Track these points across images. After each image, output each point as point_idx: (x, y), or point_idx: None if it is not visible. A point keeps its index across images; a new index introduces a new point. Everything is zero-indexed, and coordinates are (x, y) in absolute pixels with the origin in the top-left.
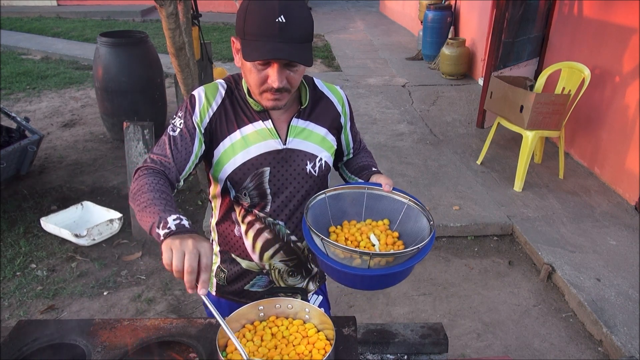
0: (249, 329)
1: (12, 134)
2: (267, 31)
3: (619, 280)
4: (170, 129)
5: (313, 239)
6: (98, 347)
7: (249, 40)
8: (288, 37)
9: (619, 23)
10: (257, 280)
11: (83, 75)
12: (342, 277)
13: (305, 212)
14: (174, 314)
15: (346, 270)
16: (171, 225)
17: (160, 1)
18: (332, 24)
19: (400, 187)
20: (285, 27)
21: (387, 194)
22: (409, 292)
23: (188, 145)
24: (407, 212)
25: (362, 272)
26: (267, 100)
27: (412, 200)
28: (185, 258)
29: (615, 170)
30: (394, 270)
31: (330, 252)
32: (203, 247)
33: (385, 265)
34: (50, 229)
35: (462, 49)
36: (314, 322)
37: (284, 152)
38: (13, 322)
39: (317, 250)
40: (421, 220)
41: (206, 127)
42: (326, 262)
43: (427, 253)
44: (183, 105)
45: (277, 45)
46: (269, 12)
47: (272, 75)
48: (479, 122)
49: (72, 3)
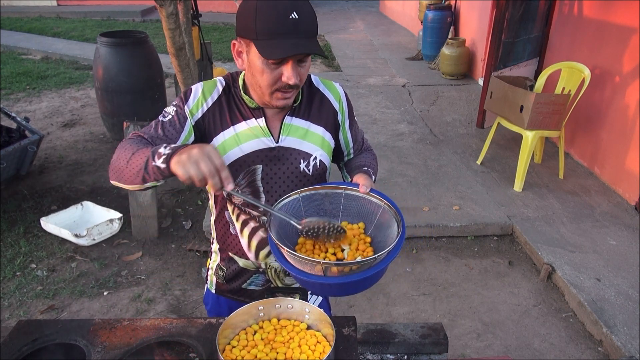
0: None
1: (12, 134)
2: (283, 28)
3: (619, 280)
4: (161, 116)
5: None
6: (98, 347)
7: (263, 39)
8: (302, 32)
9: (619, 23)
10: (254, 279)
11: (83, 75)
12: (304, 284)
13: (269, 217)
14: (174, 314)
15: (305, 278)
16: (165, 151)
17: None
18: (332, 24)
19: (400, 187)
20: (298, 23)
21: (363, 196)
22: (409, 292)
23: (175, 132)
24: (382, 216)
25: (320, 281)
26: (278, 100)
27: (387, 204)
28: (201, 165)
29: (615, 170)
30: (354, 279)
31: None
32: (209, 150)
33: (349, 273)
34: (50, 229)
35: (462, 49)
36: (313, 322)
37: (277, 150)
38: (13, 322)
39: (279, 257)
40: (393, 225)
41: (198, 120)
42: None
43: (391, 260)
44: (178, 97)
45: (296, 40)
46: (282, 10)
47: (287, 72)
48: (479, 122)
49: (72, 3)
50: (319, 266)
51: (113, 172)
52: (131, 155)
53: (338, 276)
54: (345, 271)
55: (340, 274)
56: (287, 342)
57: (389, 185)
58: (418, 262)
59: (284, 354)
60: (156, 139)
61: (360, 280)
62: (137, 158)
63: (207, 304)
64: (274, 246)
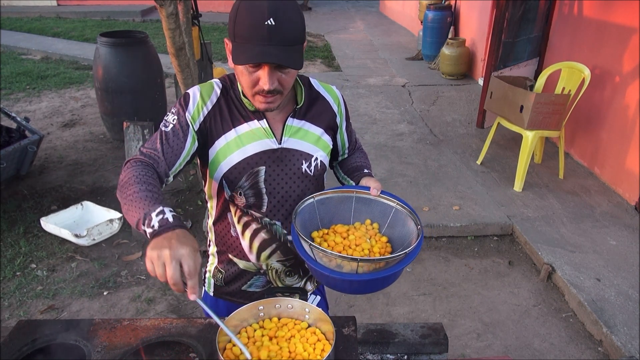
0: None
1: (12, 134)
2: (256, 34)
3: (619, 280)
4: (162, 125)
5: (302, 245)
6: (98, 347)
7: (238, 43)
8: (277, 40)
9: (619, 23)
10: (255, 280)
11: (83, 75)
12: (331, 282)
13: (294, 217)
14: (174, 314)
15: (334, 275)
16: (154, 222)
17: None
18: (332, 24)
19: (400, 187)
20: (274, 30)
21: (375, 198)
22: (409, 292)
23: (180, 142)
24: (395, 216)
25: (350, 277)
26: (260, 103)
27: (400, 204)
28: (166, 270)
29: (615, 170)
30: (381, 275)
31: (318, 258)
32: (182, 252)
33: (372, 270)
34: (50, 229)
35: (462, 49)
36: (313, 322)
37: (279, 152)
38: (13, 322)
39: (306, 257)
40: (409, 223)
41: (200, 126)
42: (315, 268)
43: (415, 257)
44: (176, 102)
45: (265, 48)
46: (258, 15)
47: (262, 78)
48: (479, 122)
49: (72, 3)
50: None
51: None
52: (130, 200)
53: (369, 272)
54: (379, 267)
55: (373, 271)
56: (288, 340)
57: (389, 185)
58: (418, 262)
59: (285, 353)
60: (161, 153)
61: (386, 277)
62: (134, 209)
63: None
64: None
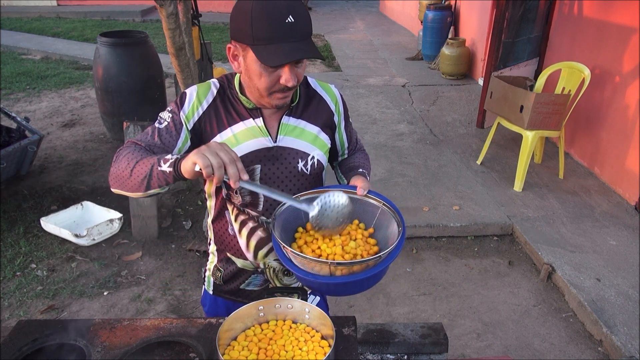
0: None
1: (12, 134)
2: (280, 33)
3: (619, 280)
4: (156, 122)
5: (280, 247)
6: (98, 347)
7: (261, 45)
8: (299, 35)
9: (619, 23)
10: (253, 279)
11: (83, 75)
12: (309, 284)
13: (273, 219)
14: (174, 314)
15: (309, 278)
16: (172, 157)
17: (160, 1)
18: (332, 24)
19: (400, 187)
20: (294, 27)
21: (361, 198)
22: (409, 292)
23: (172, 139)
24: (380, 217)
25: (327, 280)
26: (278, 100)
27: (386, 205)
28: (220, 154)
29: (615, 170)
30: (359, 278)
31: (295, 260)
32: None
33: (351, 272)
34: (50, 229)
35: (462, 49)
36: (313, 322)
37: (275, 150)
38: (13, 322)
39: (284, 260)
40: (392, 225)
41: (194, 125)
42: (294, 271)
43: (395, 257)
44: (173, 101)
45: (294, 45)
46: (277, 15)
47: (285, 75)
48: (479, 122)
49: (72, 3)
50: (326, 266)
51: (115, 181)
52: (135, 163)
53: (344, 275)
54: (354, 270)
55: (349, 273)
56: (288, 342)
57: (389, 185)
58: (418, 262)
59: (285, 353)
60: (153, 147)
61: (363, 279)
62: (141, 166)
63: (205, 305)
64: (278, 247)
